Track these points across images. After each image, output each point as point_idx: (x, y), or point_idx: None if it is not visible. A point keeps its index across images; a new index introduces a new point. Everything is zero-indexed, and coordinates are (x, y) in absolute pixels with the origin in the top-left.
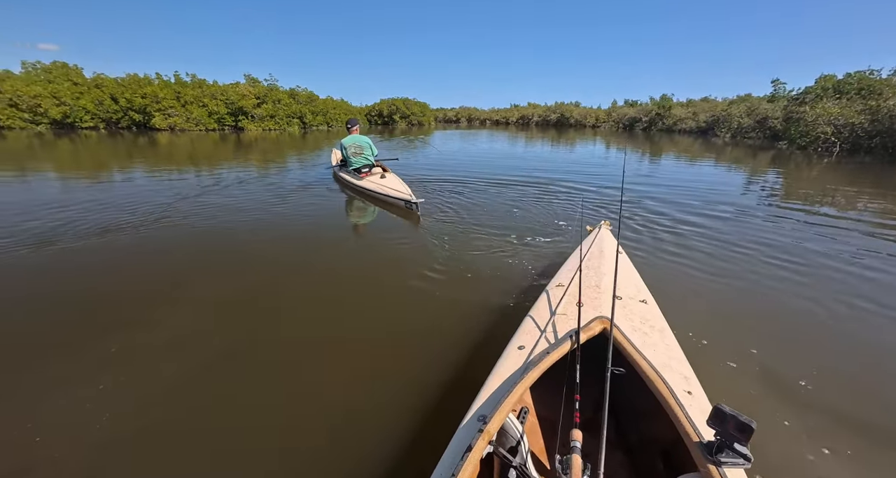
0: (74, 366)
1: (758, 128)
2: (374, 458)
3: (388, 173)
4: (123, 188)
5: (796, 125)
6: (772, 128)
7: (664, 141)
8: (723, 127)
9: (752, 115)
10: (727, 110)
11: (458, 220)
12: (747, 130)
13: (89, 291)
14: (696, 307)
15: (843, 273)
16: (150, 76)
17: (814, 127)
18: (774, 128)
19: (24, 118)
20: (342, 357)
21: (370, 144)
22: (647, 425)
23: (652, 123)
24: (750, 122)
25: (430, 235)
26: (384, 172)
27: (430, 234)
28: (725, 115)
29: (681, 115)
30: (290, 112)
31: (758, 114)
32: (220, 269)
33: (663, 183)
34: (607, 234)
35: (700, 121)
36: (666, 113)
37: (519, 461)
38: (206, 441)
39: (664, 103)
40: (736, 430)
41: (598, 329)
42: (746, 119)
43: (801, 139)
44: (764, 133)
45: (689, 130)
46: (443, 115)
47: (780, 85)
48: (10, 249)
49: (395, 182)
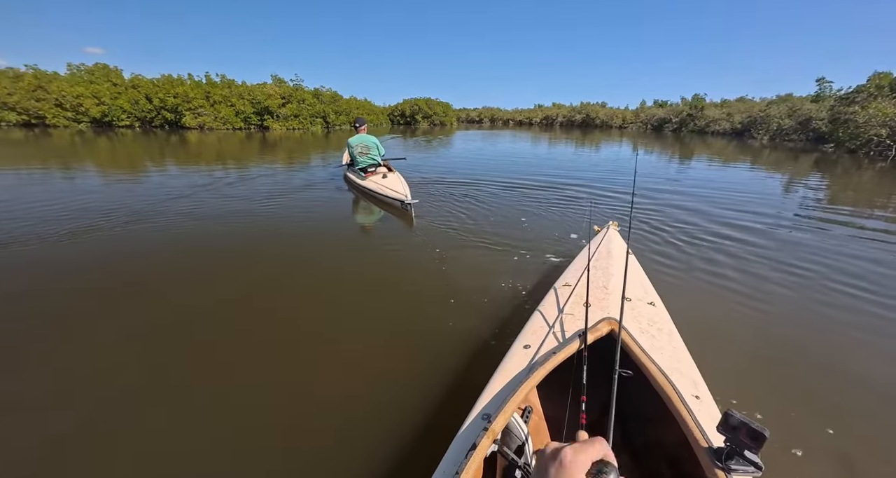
0: (75, 361)
1: (800, 130)
2: (377, 456)
3: (391, 173)
4: (154, 182)
5: (845, 127)
6: (816, 130)
7: (695, 143)
8: (760, 128)
9: (793, 116)
10: (765, 111)
11: (464, 221)
12: (788, 132)
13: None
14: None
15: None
16: (183, 77)
17: (866, 129)
18: (819, 130)
19: (68, 117)
20: (343, 357)
21: (377, 143)
22: (653, 430)
23: (683, 125)
24: (791, 123)
25: (431, 235)
26: (388, 172)
27: (432, 233)
28: (763, 116)
29: (714, 115)
30: (314, 112)
31: (800, 115)
32: (201, 271)
33: (690, 187)
34: (615, 234)
35: (735, 122)
36: (698, 114)
37: (524, 461)
38: (203, 441)
39: (696, 103)
40: (748, 437)
41: (605, 330)
42: (787, 120)
43: (850, 142)
44: (807, 135)
45: (723, 131)
46: (465, 115)
47: (825, 84)
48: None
49: (395, 182)
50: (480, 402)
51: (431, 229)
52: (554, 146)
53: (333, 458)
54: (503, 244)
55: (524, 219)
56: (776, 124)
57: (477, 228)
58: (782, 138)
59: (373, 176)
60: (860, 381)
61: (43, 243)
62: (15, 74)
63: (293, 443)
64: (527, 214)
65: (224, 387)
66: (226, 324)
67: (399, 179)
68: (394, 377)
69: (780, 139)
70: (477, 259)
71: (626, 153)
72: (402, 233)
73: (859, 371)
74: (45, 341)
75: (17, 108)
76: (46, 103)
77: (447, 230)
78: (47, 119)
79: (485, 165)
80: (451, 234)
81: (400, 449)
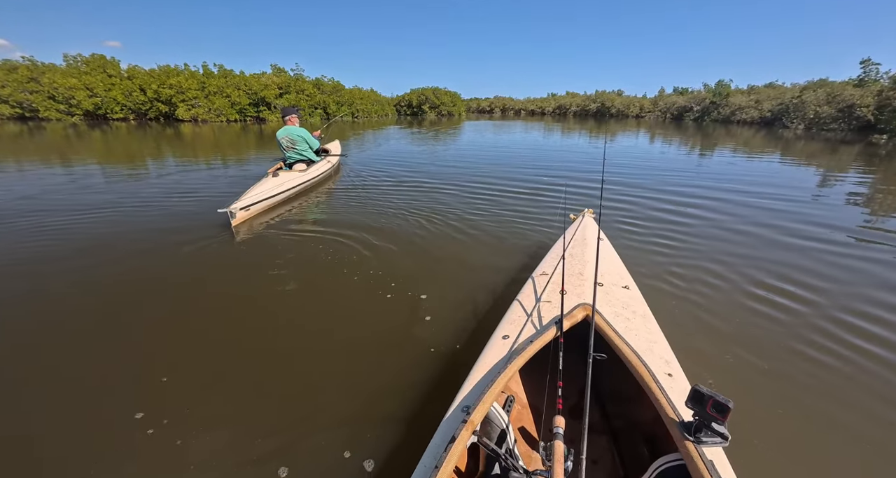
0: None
1: (841, 117)
2: (360, 451)
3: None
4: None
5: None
6: (860, 117)
7: (719, 132)
8: (794, 116)
9: (832, 102)
10: (799, 97)
11: (442, 213)
12: (827, 121)
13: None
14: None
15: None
16: (181, 68)
17: None
18: (864, 117)
19: (60, 109)
20: (323, 358)
21: (304, 137)
22: (631, 410)
23: (705, 113)
24: (830, 110)
25: (409, 231)
26: (306, 167)
27: (409, 229)
28: (797, 103)
29: (740, 103)
30: (313, 102)
31: (841, 101)
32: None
33: (716, 182)
34: (591, 222)
35: (764, 110)
36: (722, 101)
37: (505, 450)
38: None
39: (720, 90)
40: (714, 409)
41: (580, 316)
42: (826, 107)
43: None
44: (849, 124)
45: (751, 120)
46: (476, 105)
47: (871, 66)
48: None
49: (276, 183)
50: (461, 394)
51: (412, 223)
52: (567, 137)
53: (315, 456)
54: (476, 236)
55: (504, 212)
56: (813, 112)
57: (457, 222)
58: (820, 127)
59: (284, 174)
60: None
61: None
62: (10, 66)
63: (274, 445)
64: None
65: (197, 389)
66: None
67: (296, 175)
68: (377, 376)
69: (817, 128)
70: (460, 250)
71: (644, 143)
72: (384, 228)
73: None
74: None
75: (10, 101)
76: (39, 96)
77: (426, 225)
78: (40, 112)
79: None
80: (440, 221)
81: (383, 443)
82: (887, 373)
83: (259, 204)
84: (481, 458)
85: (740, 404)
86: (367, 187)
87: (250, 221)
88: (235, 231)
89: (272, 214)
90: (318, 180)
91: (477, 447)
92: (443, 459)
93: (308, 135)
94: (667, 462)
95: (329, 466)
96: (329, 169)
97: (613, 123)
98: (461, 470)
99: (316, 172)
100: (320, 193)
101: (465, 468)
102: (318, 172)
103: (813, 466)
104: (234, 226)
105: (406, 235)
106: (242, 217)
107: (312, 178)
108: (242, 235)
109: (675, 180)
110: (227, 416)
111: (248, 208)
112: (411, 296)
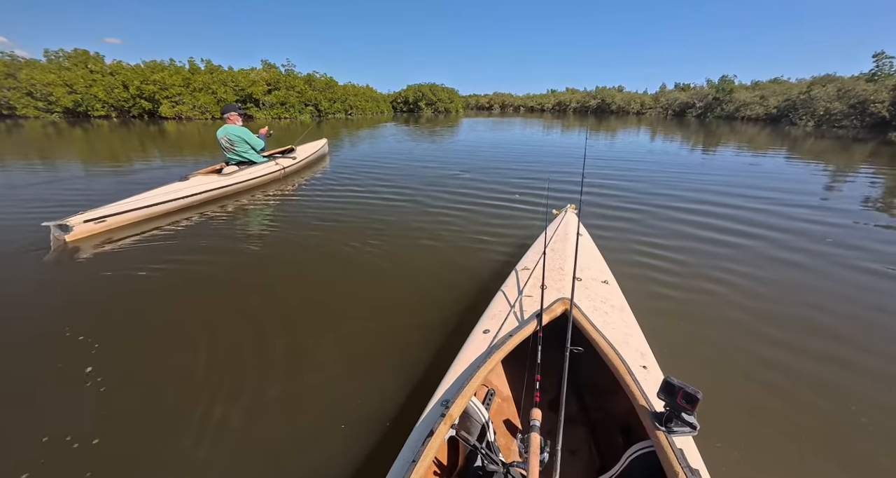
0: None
1: (853, 114)
2: (340, 445)
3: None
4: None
5: None
6: (874, 114)
7: (722, 130)
8: (802, 113)
9: (843, 98)
10: (807, 93)
11: (430, 207)
12: (838, 117)
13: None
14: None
15: None
16: (165, 63)
17: None
18: (878, 114)
19: (39, 106)
20: (306, 354)
21: (243, 137)
22: (607, 401)
23: (708, 109)
24: (842, 106)
25: (399, 227)
26: (239, 168)
27: (398, 224)
28: (806, 99)
29: (745, 99)
30: (304, 99)
31: (853, 97)
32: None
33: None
34: (573, 217)
35: (770, 106)
36: (726, 97)
37: (484, 443)
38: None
39: (723, 86)
40: (683, 400)
41: (559, 311)
42: (837, 103)
43: None
44: (862, 121)
45: (756, 117)
46: (475, 101)
47: (885, 59)
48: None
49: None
50: (440, 389)
51: (395, 215)
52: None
53: (294, 452)
54: (466, 235)
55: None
56: (823, 108)
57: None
58: (830, 124)
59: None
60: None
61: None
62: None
63: (253, 441)
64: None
65: (172, 382)
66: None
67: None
68: (357, 373)
69: (827, 125)
70: (444, 247)
71: (646, 141)
72: (372, 226)
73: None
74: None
75: None
76: (17, 93)
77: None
78: (17, 109)
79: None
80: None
81: (363, 438)
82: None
83: (122, 216)
84: (461, 453)
85: (710, 396)
86: (330, 189)
87: (105, 235)
88: (62, 248)
89: (147, 228)
90: (244, 186)
91: (457, 442)
92: (420, 453)
93: (248, 134)
94: (640, 449)
95: (307, 461)
96: (276, 172)
97: (614, 120)
98: (443, 464)
99: (248, 175)
100: (257, 201)
101: (447, 462)
102: (250, 176)
103: (781, 453)
104: (69, 241)
105: (385, 235)
106: (87, 232)
107: (232, 183)
108: (68, 256)
109: (667, 179)
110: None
111: (101, 220)
112: (391, 289)
